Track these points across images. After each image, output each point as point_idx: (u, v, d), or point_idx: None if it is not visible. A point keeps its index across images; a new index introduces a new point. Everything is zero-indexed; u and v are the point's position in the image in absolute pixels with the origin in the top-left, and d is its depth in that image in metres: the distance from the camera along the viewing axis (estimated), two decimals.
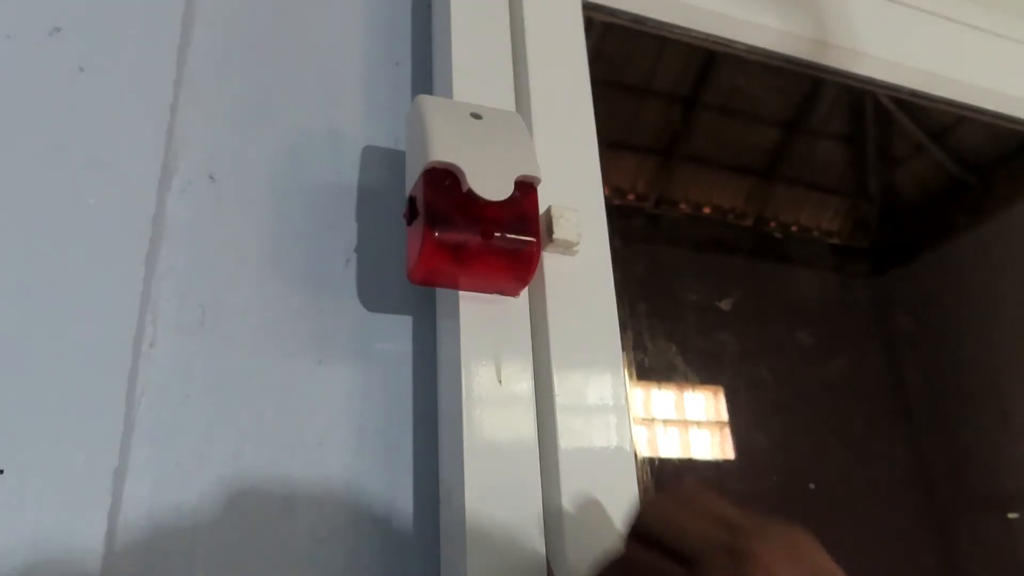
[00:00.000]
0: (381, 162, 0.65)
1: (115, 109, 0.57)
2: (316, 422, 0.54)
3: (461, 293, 0.56)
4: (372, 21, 0.71)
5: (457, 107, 0.59)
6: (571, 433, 0.55)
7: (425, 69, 0.71)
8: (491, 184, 0.53)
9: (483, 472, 0.51)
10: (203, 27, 0.63)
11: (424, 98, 0.58)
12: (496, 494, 0.51)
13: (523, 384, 0.55)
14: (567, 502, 0.53)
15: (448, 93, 0.64)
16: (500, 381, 0.55)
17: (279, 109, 0.63)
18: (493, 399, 0.54)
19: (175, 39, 0.61)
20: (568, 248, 0.60)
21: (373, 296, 0.60)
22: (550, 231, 0.58)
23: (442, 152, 0.53)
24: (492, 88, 0.66)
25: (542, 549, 0.51)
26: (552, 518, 0.53)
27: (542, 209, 0.59)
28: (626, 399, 0.59)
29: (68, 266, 0.52)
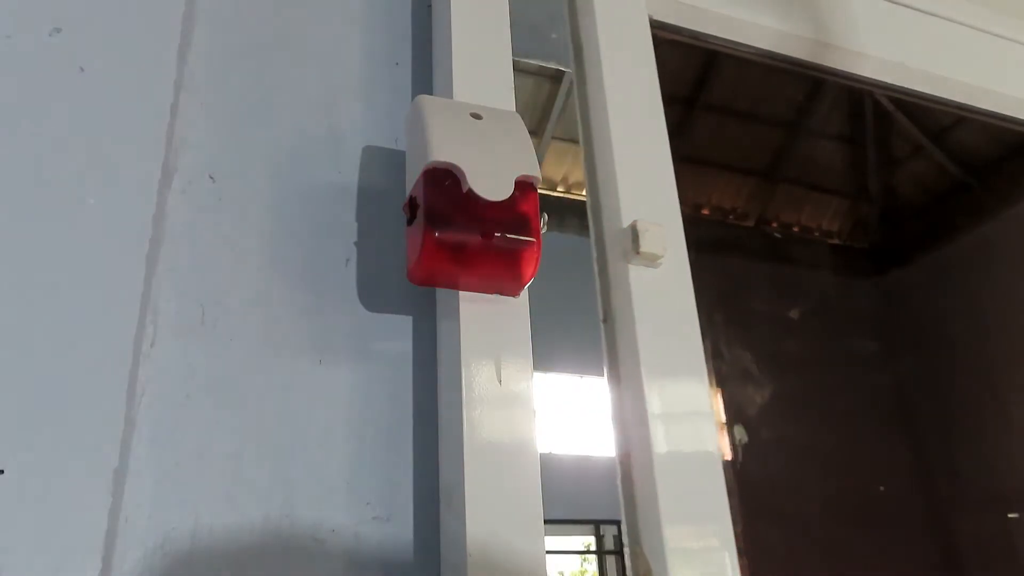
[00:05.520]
0: (381, 162, 0.65)
1: (115, 109, 0.57)
2: (316, 422, 0.54)
3: (461, 293, 0.56)
4: (372, 21, 0.71)
5: (457, 107, 0.59)
6: (664, 440, 0.57)
7: (425, 69, 0.71)
8: (491, 184, 0.53)
9: (483, 472, 0.51)
10: (203, 27, 0.63)
11: (424, 98, 0.58)
12: (496, 494, 0.51)
13: (523, 384, 0.55)
14: (664, 507, 0.55)
15: (448, 93, 0.64)
16: (500, 381, 0.55)
17: (279, 109, 0.63)
18: (493, 399, 0.54)
19: (175, 39, 0.61)
20: (653, 261, 0.62)
21: (373, 296, 0.60)
22: (636, 245, 0.60)
23: (442, 152, 0.53)
24: (492, 88, 0.66)
25: (542, 548, 0.51)
26: (650, 520, 0.55)
27: (626, 224, 0.61)
28: (711, 405, 0.61)
29: (68, 266, 0.52)
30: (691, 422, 0.59)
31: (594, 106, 0.70)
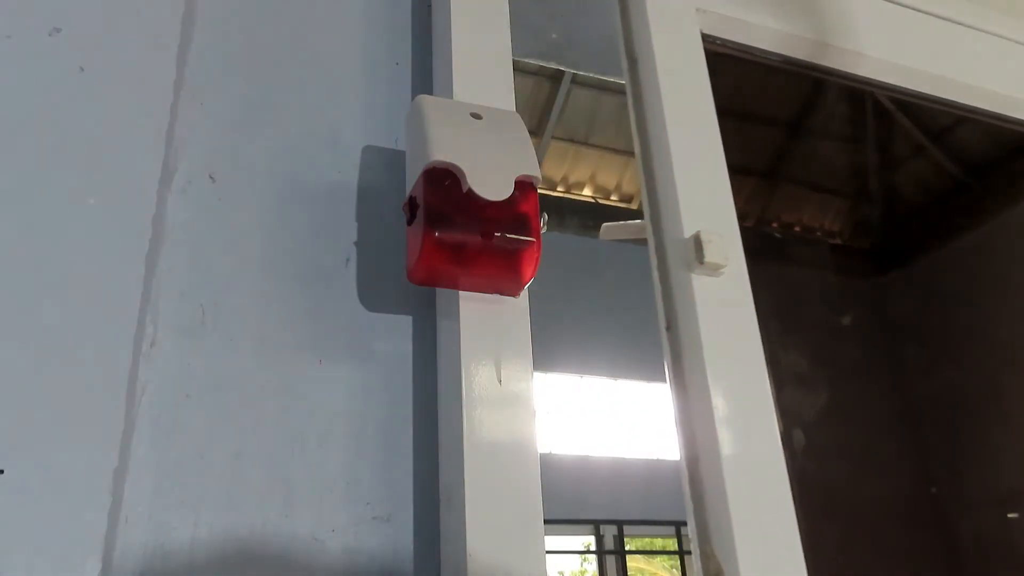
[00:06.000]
0: (381, 162, 0.65)
1: (115, 109, 0.57)
2: (316, 422, 0.54)
3: (461, 293, 0.56)
4: (372, 21, 0.71)
5: (457, 107, 0.59)
6: (731, 443, 0.59)
7: (425, 69, 0.71)
8: (491, 184, 0.53)
9: (483, 472, 0.51)
10: (203, 27, 0.63)
11: (424, 98, 0.58)
12: (496, 494, 0.51)
13: (523, 384, 0.55)
14: (734, 508, 0.56)
15: (448, 93, 0.64)
16: (500, 381, 0.55)
17: (279, 109, 0.63)
18: (493, 399, 0.54)
19: (175, 39, 0.61)
20: (715, 270, 0.64)
21: (373, 296, 0.60)
22: (700, 255, 0.62)
23: (442, 152, 0.53)
24: (492, 88, 0.66)
25: (542, 548, 0.51)
26: (720, 521, 0.56)
27: (687, 234, 0.63)
28: (772, 406, 0.63)
29: (68, 266, 0.52)
30: (756, 426, 0.61)
31: (651, 118, 0.72)
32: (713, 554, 0.56)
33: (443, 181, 0.53)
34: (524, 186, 0.55)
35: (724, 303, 0.65)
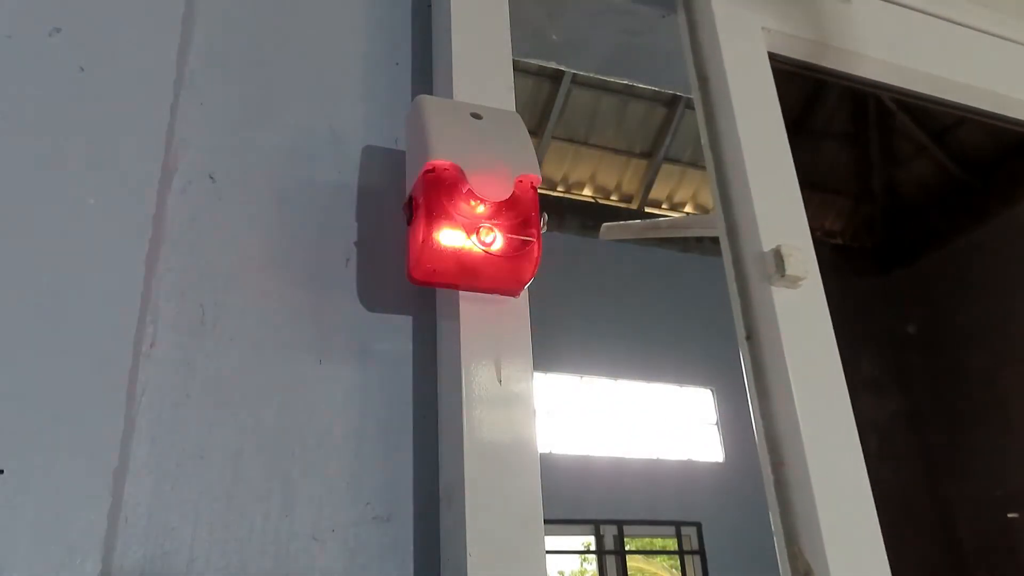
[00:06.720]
0: (381, 162, 0.65)
1: (115, 109, 0.57)
2: (316, 422, 0.54)
3: (461, 293, 0.56)
4: (372, 21, 0.71)
5: (457, 107, 0.59)
6: (816, 448, 0.61)
7: (425, 69, 0.71)
8: (491, 184, 0.53)
9: (483, 472, 0.51)
10: (203, 27, 0.63)
11: (424, 98, 0.58)
12: (496, 494, 0.51)
13: (523, 384, 0.55)
14: (822, 510, 0.58)
15: (448, 93, 0.64)
16: (500, 381, 0.55)
17: (279, 109, 0.63)
18: (493, 399, 0.54)
19: (175, 39, 0.61)
20: (795, 283, 0.66)
21: (373, 296, 0.60)
22: (781, 268, 0.64)
23: (442, 152, 0.53)
24: (492, 88, 0.66)
25: (542, 548, 0.51)
26: (808, 523, 0.58)
27: (766, 248, 0.66)
28: (851, 411, 0.65)
29: (68, 266, 0.52)
30: (837, 429, 0.63)
31: (725, 136, 0.74)
32: (801, 553, 0.58)
33: (443, 181, 0.53)
34: (524, 186, 0.55)
35: (803, 313, 0.67)
